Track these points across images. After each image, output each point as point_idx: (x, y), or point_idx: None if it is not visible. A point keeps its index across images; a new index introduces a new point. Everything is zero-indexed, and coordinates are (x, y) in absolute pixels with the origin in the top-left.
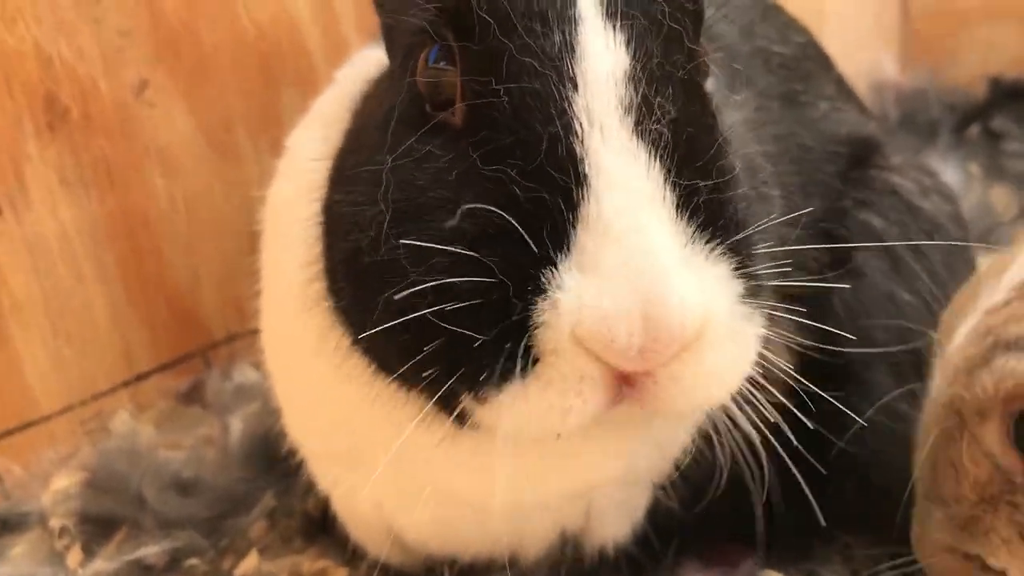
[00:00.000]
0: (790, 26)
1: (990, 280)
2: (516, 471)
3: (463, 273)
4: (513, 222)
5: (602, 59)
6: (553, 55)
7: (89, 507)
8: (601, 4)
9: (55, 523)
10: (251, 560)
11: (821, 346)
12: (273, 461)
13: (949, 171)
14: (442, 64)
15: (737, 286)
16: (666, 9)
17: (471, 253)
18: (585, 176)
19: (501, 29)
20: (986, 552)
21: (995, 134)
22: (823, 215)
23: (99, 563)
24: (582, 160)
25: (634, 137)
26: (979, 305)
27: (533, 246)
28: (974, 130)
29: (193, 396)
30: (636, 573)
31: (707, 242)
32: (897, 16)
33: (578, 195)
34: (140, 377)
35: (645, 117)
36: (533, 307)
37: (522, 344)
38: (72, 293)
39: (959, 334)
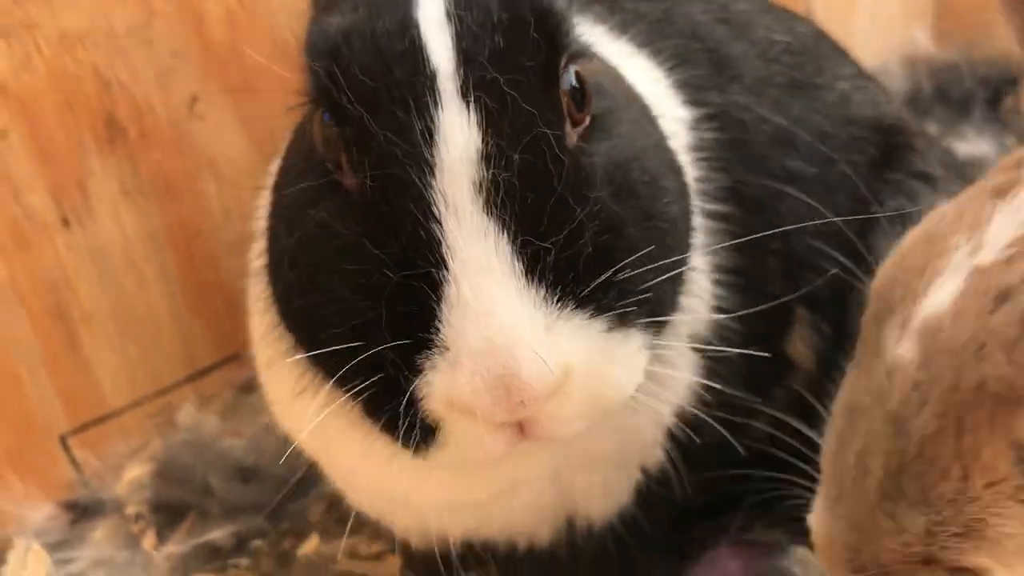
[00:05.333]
0: (794, 18)
1: (959, 233)
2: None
3: (359, 343)
4: (389, 308)
5: (456, 143)
6: (415, 141)
7: (160, 495)
8: (456, 86)
9: (130, 510)
10: (312, 542)
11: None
12: None
13: (984, 144)
14: (333, 127)
15: (600, 324)
16: (511, 79)
17: (359, 337)
18: (443, 259)
19: (369, 115)
20: (995, 561)
21: None
22: (845, 222)
23: (171, 546)
24: (440, 243)
25: (484, 215)
26: (958, 262)
27: (408, 331)
28: (1009, 103)
29: (252, 387)
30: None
31: (558, 300)
32: None
33: (439, 276)
34: (202, 372)
35: (492, 194)
36: (415, 385)
37: (418, 418)
38: (136, 298)
39: (935, 296)
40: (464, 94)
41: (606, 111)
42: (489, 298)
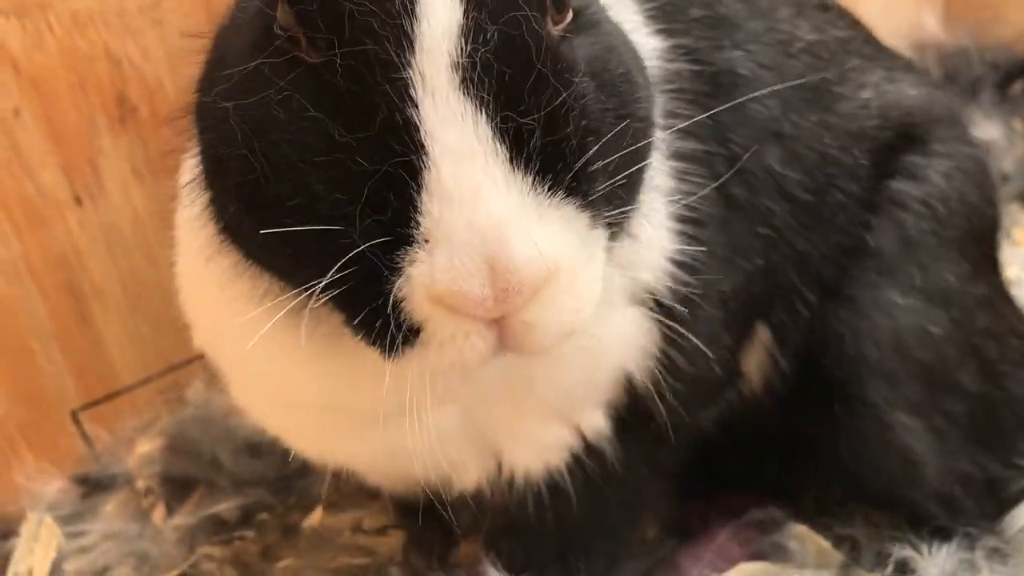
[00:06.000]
0: (833, 20)
1: None
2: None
3: (330, 238)
4: (363, 200)
5: (438, 17)
6: (393, 12)
7: (170, 469)
8: None
9: (141, 484)
10: (317, 515)
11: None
12: None
13: (992, 128)
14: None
15: (584, 219)
16: None
17: (331, 232)
18: (422, 144)
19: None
20: None
21: None
22: (828, 251)
23: (180, 518)
24: (417, 128)
25: (461, 96)
26: None
27: (386, 225)
28: (1017, 87)
29: None
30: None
31: (547, 187)
32: None
33: (419, 163)
34: None
35: (469, 72)
36: (392, 285)
37: (400, 319)
38: (146, 275)
39: None
40: None
41: (584, 6)
42: (472, 183)
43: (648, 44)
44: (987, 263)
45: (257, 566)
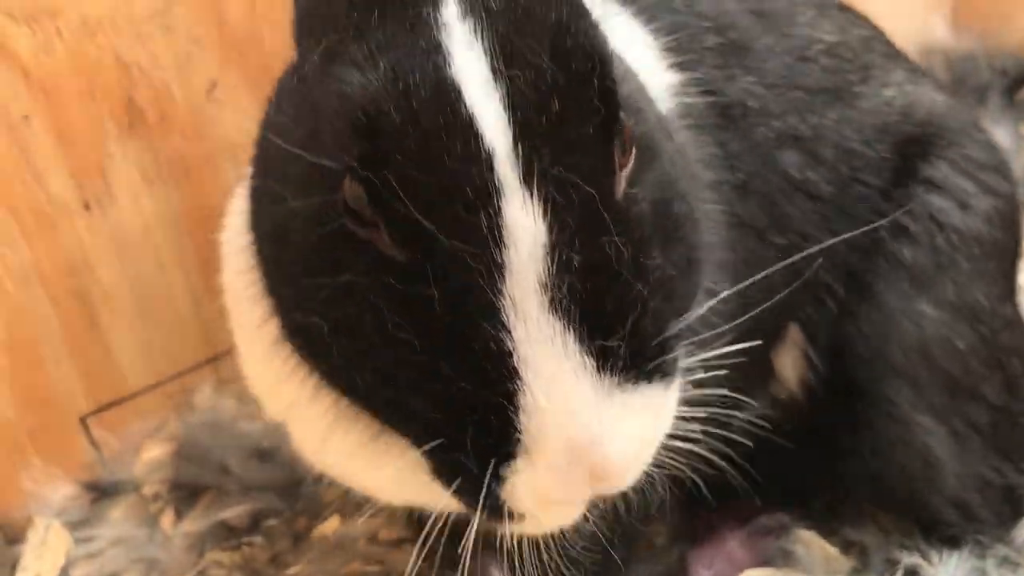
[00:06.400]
0: (853, 20)
1: None
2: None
3: (431, 439)
4: (461, 418)
5: (524, 241)
6: (482, 242)
7: (178, 474)
8: (517, 172)
9: (148, 489)
10: (332, 523)
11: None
12: None
13: (1000, 134)
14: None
15: (662, 387)
16: (573, 158)
17: (430, 433)
18: (515, 370)
19: (424, 213)
20: None
21: None
22: (849, 246)
23: (188, 524)
24: (511, 354)
25: (550, 317)
26: None
27: (485, 443)
28: None
29: None
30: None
31: (633, 379)
32: None
33: (513, 387)
34: (220, 355)
35: (556, 293)
36: (494, 490)
37: (497, 503)
38: (155, 281)
39: None
40: (527, 181)
41: (643, 134)
42: (566, 402)
43: (664, 80)
44: (1011, 284)
45: (266, 572)
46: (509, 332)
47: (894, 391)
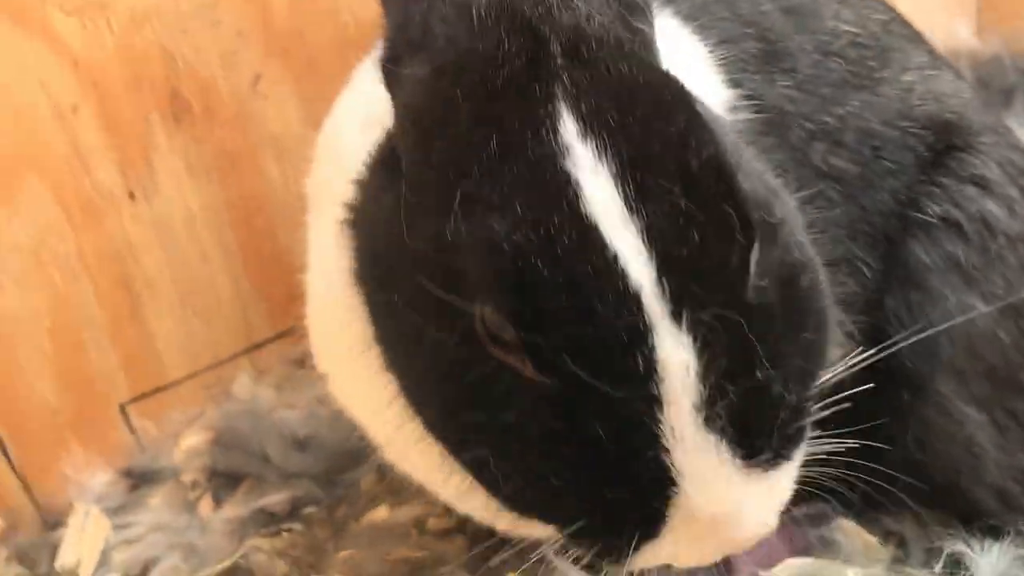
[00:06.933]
0: (872, 5)
1: None
2: None
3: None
4: (612, 512)
5: (678, 375)
6: (638, 383)
7: (217, 462)
8: (665, 308)
9: (187, 477)
10: (381, 511)
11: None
12: None
13: None
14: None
15: (793, 464)
16: (719, 293)
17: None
18: (673, 480)
19: (579, 363)
20: None
21: None
22: (885, 217)
23: (227, 511)
24: (669, 469)
25: (705, 432)
26: None
27: (630, 528)
28: None
29: (306, 360)
30: None
31: (770, 463)
32: None
33: (669, 492)
34: (259, 345)
35: (711, 410)
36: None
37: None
38: (197, 270)
39: None
40: (675, 316)
41: (760, 214)
42: (717, 501)
43: (722, 96)
44: None
45: (306, 558)
46: (668, 452)
47: (941, 383)
